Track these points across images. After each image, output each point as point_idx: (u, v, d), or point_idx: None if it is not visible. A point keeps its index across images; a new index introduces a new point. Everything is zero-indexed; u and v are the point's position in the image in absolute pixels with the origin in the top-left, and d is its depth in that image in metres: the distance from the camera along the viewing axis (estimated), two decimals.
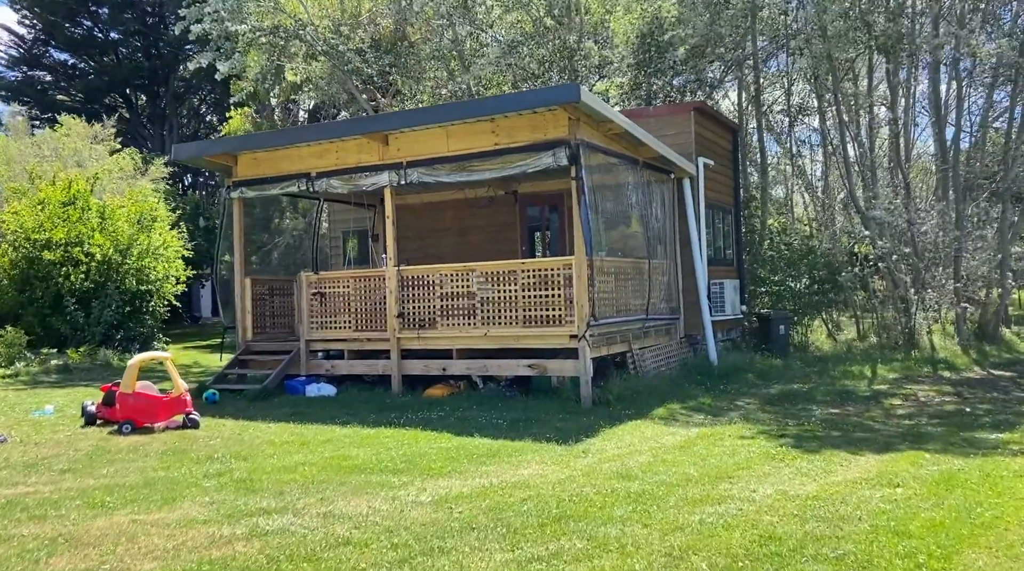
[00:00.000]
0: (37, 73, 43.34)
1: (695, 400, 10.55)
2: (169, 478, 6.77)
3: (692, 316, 13.45)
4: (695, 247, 13.28)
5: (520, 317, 10.68)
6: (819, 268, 16.47)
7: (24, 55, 42.31)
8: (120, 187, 19.89)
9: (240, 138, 11.46)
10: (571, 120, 10.23)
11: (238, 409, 10.54)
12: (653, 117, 13.79)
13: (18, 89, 41.71)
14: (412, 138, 11.34)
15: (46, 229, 15.78)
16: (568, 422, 9.12)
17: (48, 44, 43.03)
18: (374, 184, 11.52)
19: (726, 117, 16.77)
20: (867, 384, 11.91)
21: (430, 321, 11.27)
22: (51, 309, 15.83)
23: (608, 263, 11.16)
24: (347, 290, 11.92)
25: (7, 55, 41.98)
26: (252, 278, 12.92)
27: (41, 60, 43.18)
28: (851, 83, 17.30)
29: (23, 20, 41.92)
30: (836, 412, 9.64)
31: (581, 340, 10.17)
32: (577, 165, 10.12)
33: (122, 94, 43.17)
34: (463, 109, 11.04)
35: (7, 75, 42.10)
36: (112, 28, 41.99)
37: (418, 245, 15.79)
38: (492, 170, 10.78)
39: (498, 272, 10.85)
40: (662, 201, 13.08)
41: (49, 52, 43.35)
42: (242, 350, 12.62)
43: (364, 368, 11.82)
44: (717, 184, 14.73)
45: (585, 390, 10.16)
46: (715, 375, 12.43)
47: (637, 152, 11.99)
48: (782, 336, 15.04)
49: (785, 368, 13.62)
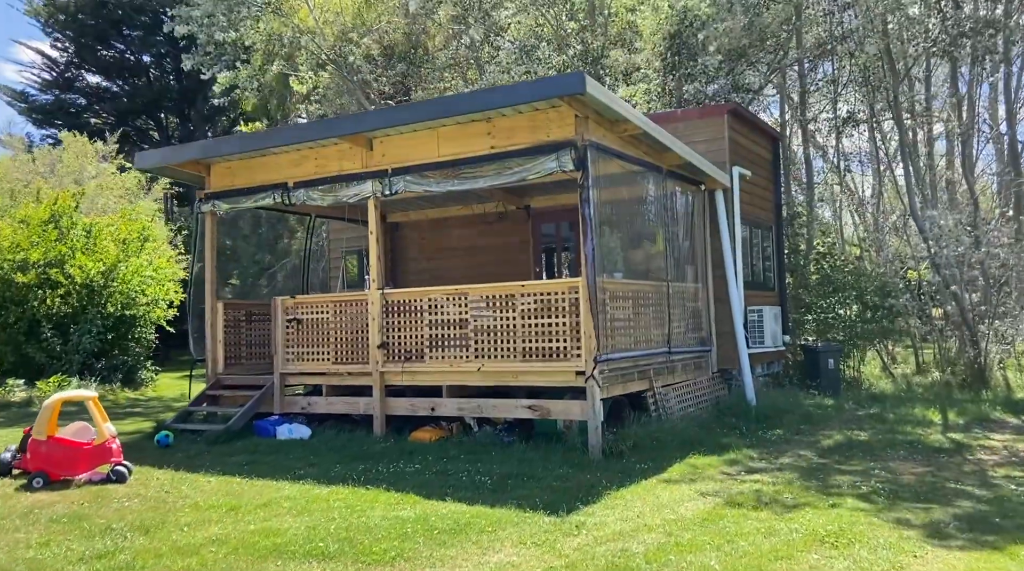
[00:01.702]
0: (69, 96, 43.24)
1: (727, 451, 8.79)
2: (34, 561, 5.27)
3: (726, 348, 11.69)
4: (729, 269, 11.56)
5: (519, 349, 9.06)
6: (871, 293, 14.60)
7: (57, 78, 42.21)
8: (119, 206, 18.79)
9: (207, 143, 10.18)
10: (578, 118, 8.67)
11: (189, 455, 9.07)
12: (681, 121, 12.16)
13: (51, 112, 41.61)
14: (399, 142, 9.88)
15: (22, 248, 14.63)
16: (568, 479, 7.46)
17: (80, 67, 42.94)
18: (356, 195, 10.07)
19: (766, 123, 15.05)
20: (939, 432, 10.01)
21: (417, 353, 9.71)
22: (26, 336, 14.63)
23: (624, 287, 9.51)
24: (326, 316, 10.44)
25: (40, 79, 41.93)
26: (225, 302, 11.52)
27: (74, 83, 43.06)
28: (907, 87, 15.46)
29: (55, 44, 41.93)
30: (910, 470, 7.80)
31: (589, 378, 8.52)
32: (584, 170, 8.53)
33: (153, 116, 42.96)
34: (453, 104, 9.53)
35: (40, 98, 42.03)
36: (143, 51, 41.82)
37: (423, 267, 14.33)
38: (487, 177, 9.24)
39: (494, 296, 9.28)
40: (691, 216, 11.42)
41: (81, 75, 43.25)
42: (212, 384, 11.19)
43: (344, 406, 10.29)
44: (755, 198, 13.01)
45: (594, 438, 8.49)
46: (752, 418, 10.64)
47: (661, 159, 10.37)
48: (831, 371, 13.17)
49: (836, 409, 11.77)
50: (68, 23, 40.95)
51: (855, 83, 16.15)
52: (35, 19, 40.77)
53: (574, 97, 8.29)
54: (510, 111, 9.03)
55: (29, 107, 41.16)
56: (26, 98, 41.47)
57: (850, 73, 16.05)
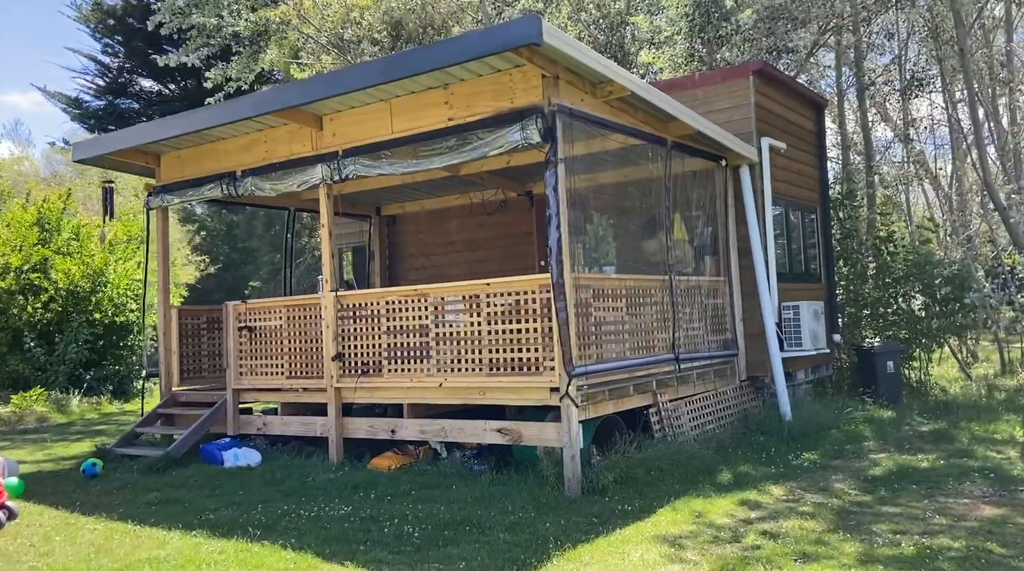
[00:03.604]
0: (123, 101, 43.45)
1: (742, 486, 7.07)
2: None
3: (756, 352, 9.89)
4: (757, 258, 9.74)
5: (485, 361, 7.51)
6: (943, 283, 12.48)
7: (110, 83, 42.42)
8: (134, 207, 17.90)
9: (144, 126, 8.92)
10: (546, 79, 7.06)
11: (108, 490, 7.83)
12: (700, 86, 10.37)
13: (104, 117, 41.85)
14: (349, 119, 8.44)
15: (2, 253, 13.80)
16: (521, 529, 5.88)
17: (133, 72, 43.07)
18: (305, 182, 8.67)
19: (806, 87, 13.04)
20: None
21: (375, 365, 8.27)
22: (9, 347, 13.79)
23: (614, 283, 7.86)
24: (279, 324, 9.09)
25: (94, 85, 42.21)
26: (180, 309, 10.31)
27: (127, 88, 43.24)
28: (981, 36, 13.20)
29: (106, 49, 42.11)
30: (978, 514, 5.95)
31: (564, 397, 6.92)
32: (552, 142, 6.92)
33: None
34: (401, 62, 7.84)
35: (93, 104, 42.33)
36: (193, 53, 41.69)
37: (421, 264, 12.91)
38: (445, 155, 7.70)
39: (455, 298, 7.75)
40: (708, 196, 9.65)
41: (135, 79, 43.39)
42: (166, 400, 10.00)
43: (300, 427, 8.93)
44: (793, 175, 11.11)
45: (570, 469, 6.88)
46: (785, 436, 8.85)
47: (664, 129, 8.65)
48: (890, 375, 11.18)
49: (893, 424, 9.85)
50: (117, 28, 41.05)
51: (920, 39, 13.95)
52: (85, 25, 41.04)
53: (534, 51, 6.68)
54: (468, 75, 7.48)
55: (83, 113, 41.45)
56: (80, 104, 41.78)
57: (913, 26, 13.86)
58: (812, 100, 12.00)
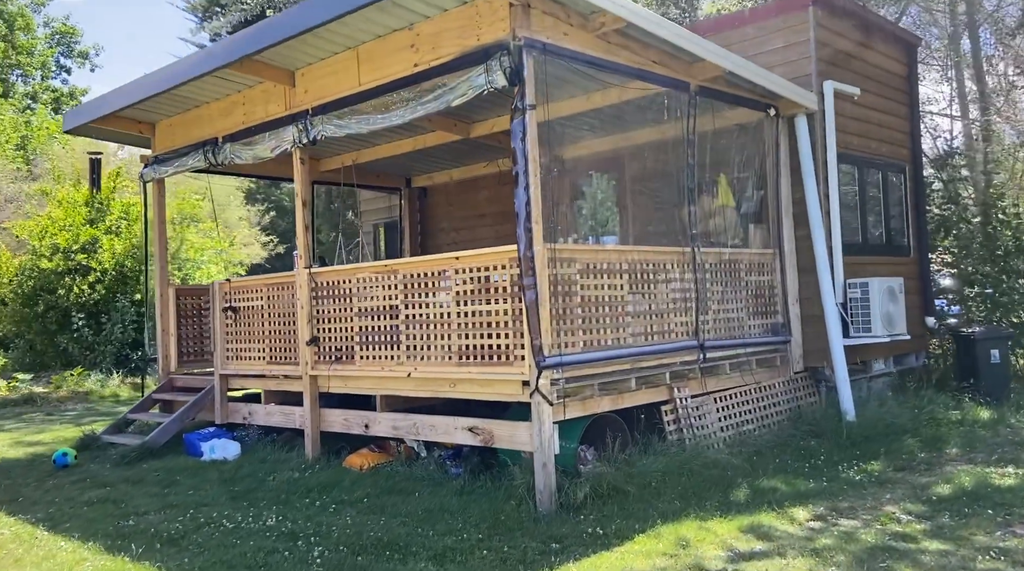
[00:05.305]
0: None
1: (759, 505, 5.67)
2: None
3: (815, 338, 8.29)
4: (815, 226, 8.11)
5: (455, 348, 6.41)
6: None
7: None
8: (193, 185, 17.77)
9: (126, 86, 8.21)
10: (513, 8, 5.81)
11: (60, 484, 7.25)
12: (751, 23, 8.77)
13: None
14: (319, 73, 7.46)
15: (50, 234, 13.78)
16: (448, 561, 4.79)
17: None
18: (277, 147, 7.77)
19: (888, 21, 11.02)
20: None
21: (347, 351, 7.32)
22: (59, 326, 13.80)
23: (611, 255, 6.55)
24: (260, 304, 8.29)
25: None
26: (177, 289, 9.72)
27: None
28: None
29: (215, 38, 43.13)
30: None
31: (535, 392, 5.72)
32: (520, 84, 5.69)
33: None
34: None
35: None
36: None
37: (452, 238, 11.94)
38: (410, 106, 6.59)
39: (422, 273, 6.67)
40: (755, 153, 8.12)
41: None
42: (163, 385, 9.44)
43: (281, 417, 8.11)
44: (872, 127, 9.31)
45: (541, 479, 5.69)
46: (844, 440, 7.29)
47: (687, 71, 7.20)
48: (995, 366, 9.27)
49: (992, 426, 8.07)
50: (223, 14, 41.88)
51: None
52: (192, 14, 42.22)
53: None
54: (433, 10, 6.33)
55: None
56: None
57: None
58: (900, 38, 10.08)
